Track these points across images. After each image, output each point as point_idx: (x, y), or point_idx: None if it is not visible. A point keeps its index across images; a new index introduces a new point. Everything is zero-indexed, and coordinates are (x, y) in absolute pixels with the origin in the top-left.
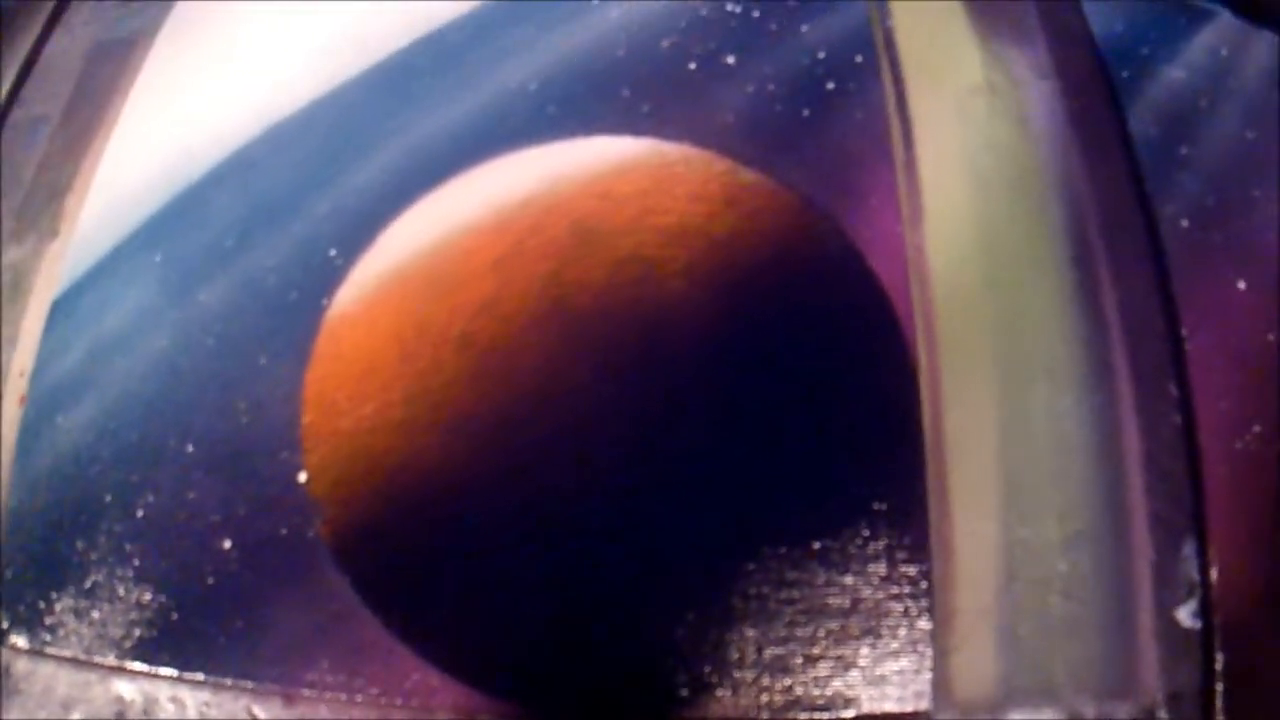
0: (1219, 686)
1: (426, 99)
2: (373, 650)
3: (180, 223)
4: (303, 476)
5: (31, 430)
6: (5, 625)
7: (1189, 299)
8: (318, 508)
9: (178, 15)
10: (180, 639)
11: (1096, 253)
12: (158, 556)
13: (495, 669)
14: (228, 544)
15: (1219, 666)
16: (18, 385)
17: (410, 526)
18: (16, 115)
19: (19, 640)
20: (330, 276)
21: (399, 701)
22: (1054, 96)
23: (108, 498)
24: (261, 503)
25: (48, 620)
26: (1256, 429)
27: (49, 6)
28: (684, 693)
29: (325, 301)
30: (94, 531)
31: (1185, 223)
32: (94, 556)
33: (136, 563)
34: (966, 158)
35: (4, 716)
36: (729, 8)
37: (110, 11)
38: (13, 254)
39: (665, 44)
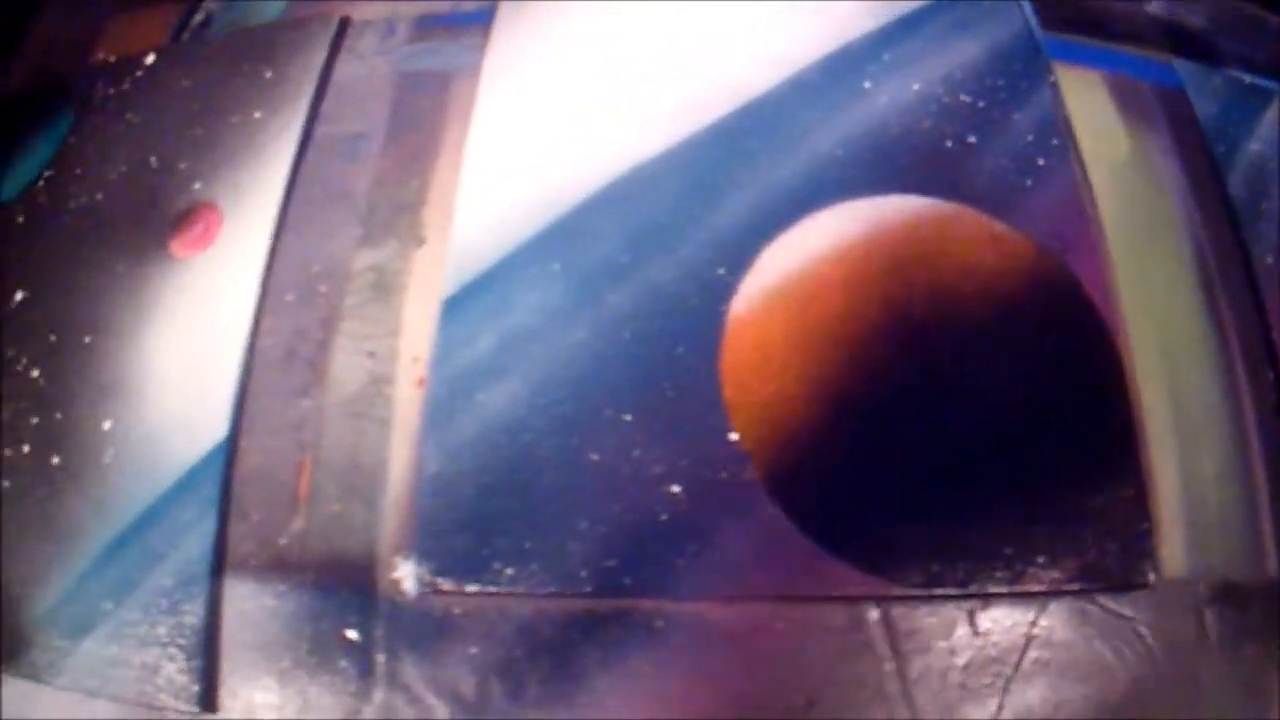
0: None
1: (760, 156)
2: (798, 557)
3: (569, 241)
4: (734, 436)
5: (446, 407)
6: (431, 574)
7: (1276, 313)
8: (750, 457)
9: (521, 62)
10: (635, 566)
11: (1215, 281)
12: (608, 502)
13: (888, 557)
14: (676, 488)
15: None
16: (412, 370)
17: (819, 464)
18: (324, 131)
19: (446, 583)
20: (723, 289)
21: (820, 592)
22: (1177, 169)
23: (546, 459)
24: (700, 457)
25: (495, 565)
26: None
27: (329, 33)
28: (997, 573)
29: (724, 308)
30: (534, 487)
31: (1270, 259)
32: (537, 507)
33: (586, 509)
34: (1128, 216)
35: (440, 659)
36: (962, 98)
37: (401, 44)
38: (370, 256)
39: (925, 124)
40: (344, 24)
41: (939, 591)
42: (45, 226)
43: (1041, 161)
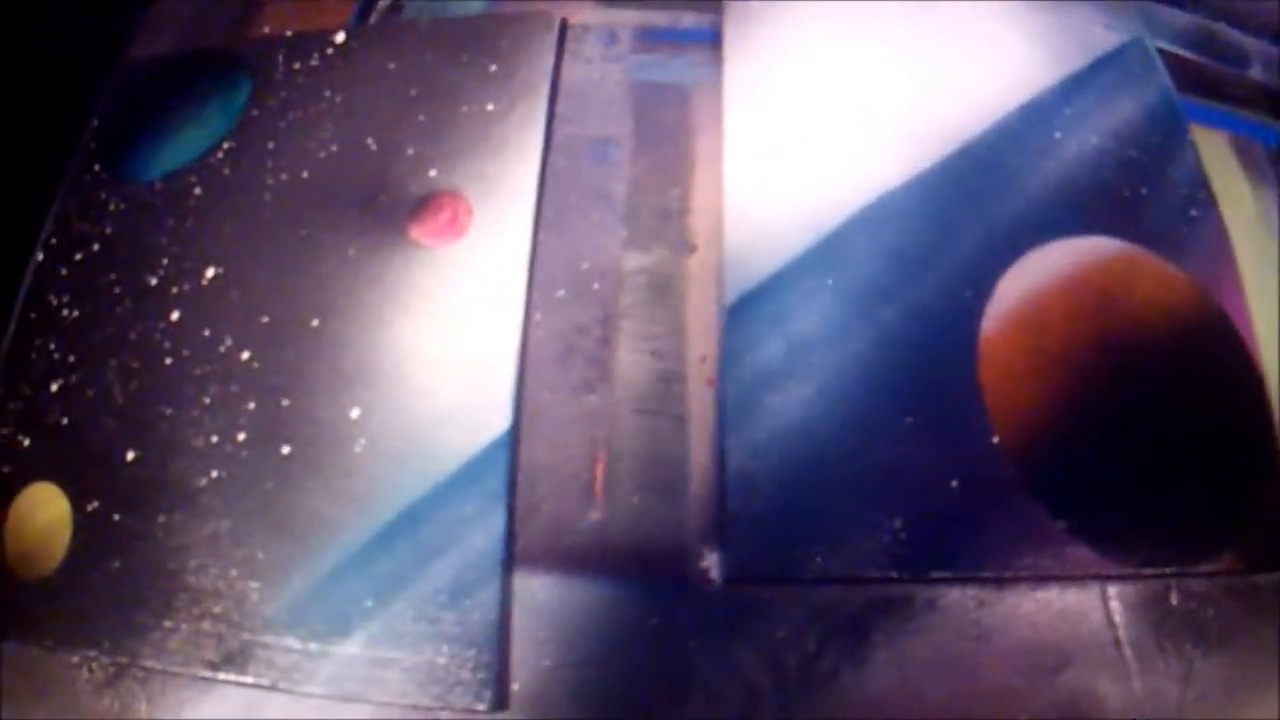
0: None
1: (982, 194)
2: (1050, 542)
3: (836, 259)
4: (996, 439)
5: (741, 408)
6: (739, 563)
7: None
8: (1009, 457)
9: (758, 84)
10: (922, 553)
11: None
12: (896, 495)
13: (1115, 542)
14: (954, 484)
15: None
16: (701, 370)
17: (1063, 463)
18: (566, 132)
19: (754, 572)
20: (972, 309)
21: (1068, 572)
22: None
23: (840, 458)
24: (971, 456)
25: (798, 554)
26: None
27: (552, 33)
28: (1192, 555)
29: (976, 327)
30: (830, 483)
31: None
32: (834, 501)
33: (878, 502)
34: (1257, 261)
35: (749, 643)
36: (1130, 153)
37: (626, 53)
38: (640, 259)
39: (1107, 176)
40: (564, 25)
41: (1150, 571)
42: (234, 200)
43: (1194, 213)
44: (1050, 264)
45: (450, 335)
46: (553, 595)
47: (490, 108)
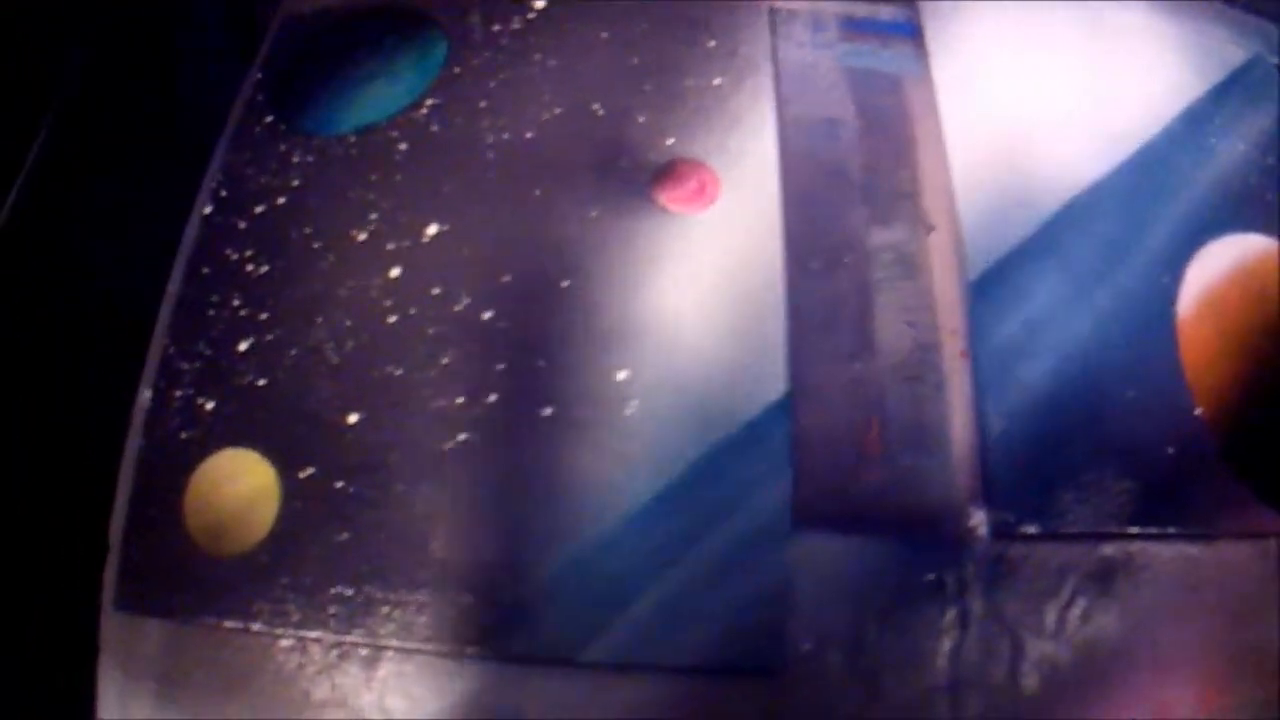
0: None
1: (1160, 193)
2: (1240, 504)
3: (1056, 244)
4: (1198, 411)
5: (993, 377)
6: (1003, 520)
7: None
8: (1209, 427)
9: (962, 77)
10: (1149, 511)
11: None
12: (1127, 461)
13: None
14: (1170, 449)
15: None
16: (952, 341)
17: (1253, 433)
18: (795, 111)
19: (1018, 529)
20: (1170, 294)
21: (1249, 530)
22: None
23: (1077, 424)
24: (1180, 426)
25: (1052, 511)
26: None
27: (764, 15)
28: None
29: (1174, 309)
30: (1074, 446)
31: None
32: (1078, 462)
33: (1112, 466)
34: None
35: (1016, 594)
36: (1269, 160)
37: (834, 40)
38: (884, 236)
39: (1252, 180)
40: (772, 9)
41: None
42: (450, 158)
43: None
44: (1222, 256)
45: (714, 300)
46: (833, 555)
47: (718, 82)
